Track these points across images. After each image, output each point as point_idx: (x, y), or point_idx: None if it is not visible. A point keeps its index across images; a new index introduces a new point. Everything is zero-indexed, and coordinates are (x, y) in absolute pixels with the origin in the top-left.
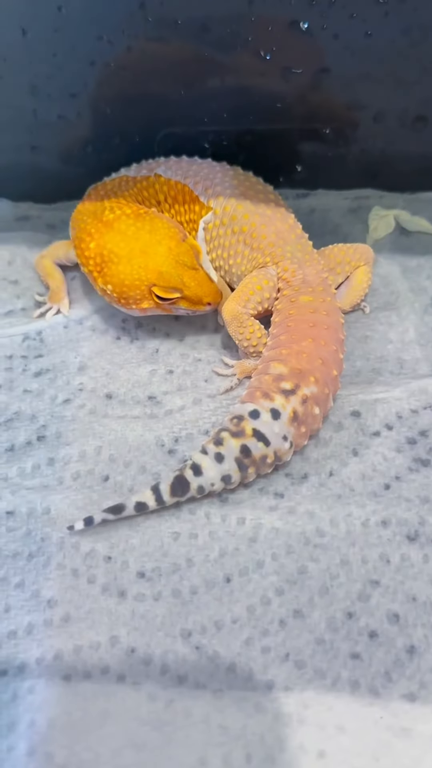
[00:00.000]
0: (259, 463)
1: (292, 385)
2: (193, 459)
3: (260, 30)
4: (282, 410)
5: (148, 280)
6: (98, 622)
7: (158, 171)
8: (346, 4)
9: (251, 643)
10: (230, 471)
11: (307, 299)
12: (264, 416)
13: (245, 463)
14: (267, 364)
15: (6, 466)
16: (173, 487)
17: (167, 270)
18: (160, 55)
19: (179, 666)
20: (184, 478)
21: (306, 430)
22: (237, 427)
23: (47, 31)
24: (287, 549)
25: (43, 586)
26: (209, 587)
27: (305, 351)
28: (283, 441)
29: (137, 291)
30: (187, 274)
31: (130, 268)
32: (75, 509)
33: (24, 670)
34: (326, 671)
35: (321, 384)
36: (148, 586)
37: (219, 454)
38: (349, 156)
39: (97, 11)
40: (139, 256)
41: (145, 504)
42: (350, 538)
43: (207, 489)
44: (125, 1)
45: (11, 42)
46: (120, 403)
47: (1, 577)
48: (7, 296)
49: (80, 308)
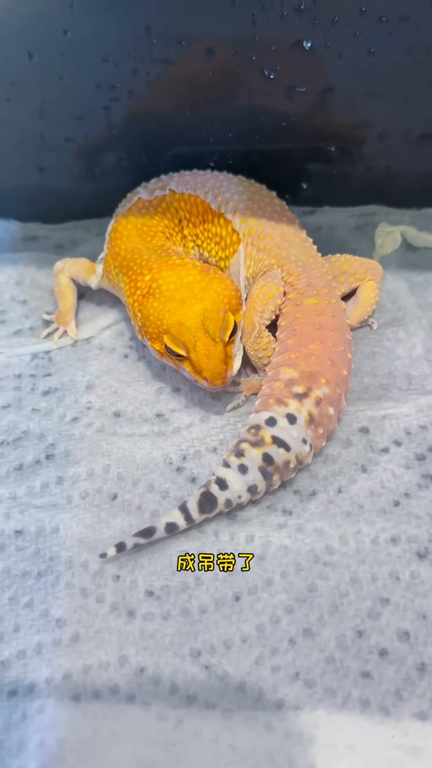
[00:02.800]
0: (282, 470)
1: (305, 389)
2: (217, 474)
3: (264, 50)
4: (297, 414)
5: (166, 324)
6: (107, 641)
7: (171, 187)
8: (349, 23)
9: (261, 662)
10: (255, 481)
11: (312, 302)
12: (281, 422)
13: (269, 471)
14: (277, 370)
15: (14, 485)
16: (201, 504)
17: (186, 325)
18: (165, 77)
19: (189, 685)
20: (211, 494)
21: (323, 431)
22: (256, 437)
23: (53, 55)
24: (296, 567)
25: (52, 605)
26: (218, 606)
27: (314, 353)
28: (303, 444)
29: (154, 330)
30: (203, 340)
31: (161, 307)
32: (83, 528)
33: (33, 690)
34: (336, 690)
35: (333, 384)
36: (157, 605)
37: (242, 466)
38: (355, 173)
39: (103, 34)
40: (176, 302)
41: (174, 524)
42: (360, 555)
43: (234, 502)
44: (130, 24)
45: (18, 65)
46: (128, 421)
47: (10, 597)
48: (16, 316)
49: (88, 327)
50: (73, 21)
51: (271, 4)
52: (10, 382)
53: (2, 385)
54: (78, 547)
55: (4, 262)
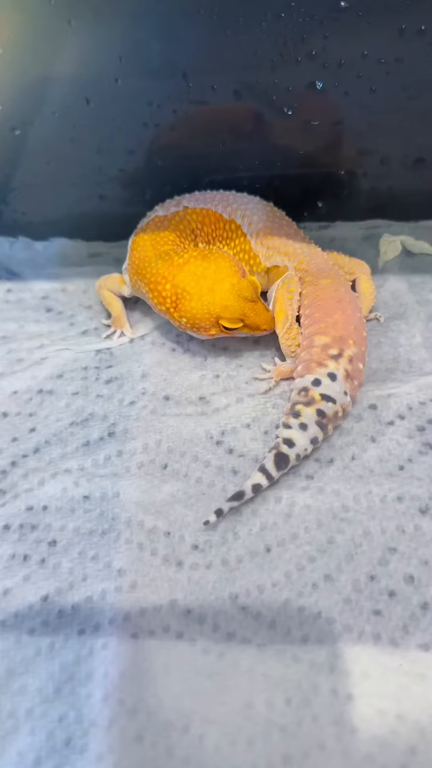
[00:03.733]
0: (333, 419)
1: (338, 350)
2: (282, 435)
3: (282, 91)
4: (337, 372)
5: (215, 313)
6: (160, 588)
7: (185, 204)
8: (353, 66)
9: (289, 603)
10: (315, 433)
11: (327, 281)
12: (325, 381)
13: (324, 422)
14: (311, 339)
15: (83, 458)
16: (276, 463)
17: (231, 304)
18: (200, 116)
19: (228, 624)
20: (283, 453)
21: (357, 383)
22: (306, 398)
23: (107, 100)
24: (318, 523)
25: (114, 558)
26: (252, 556)
27: (339, 321)
28: (345, 396)
29: (207, 322)
30: (247, 306)
31: (201, 304)
32: (140, 493)
33: (99, 629)
34: (353, 626)
35: (358, 344)
36: (201, 557)
37: (302, 424)
38: (362, 193)
39: (147, 81)
40: (207, 293)
41: (259, 484)
42: (371, 512)
43: (302, 454)
44: (170, 72)
45: (78, 110)
46: (176, 404)
47: (79, 551)
48: (83, 318)
49: (141, 326)
50: (122, 71)
51: (287, 51)
52: (78, 374)
53: (72, 376)
54: (135, 509)
55: (74, 275)
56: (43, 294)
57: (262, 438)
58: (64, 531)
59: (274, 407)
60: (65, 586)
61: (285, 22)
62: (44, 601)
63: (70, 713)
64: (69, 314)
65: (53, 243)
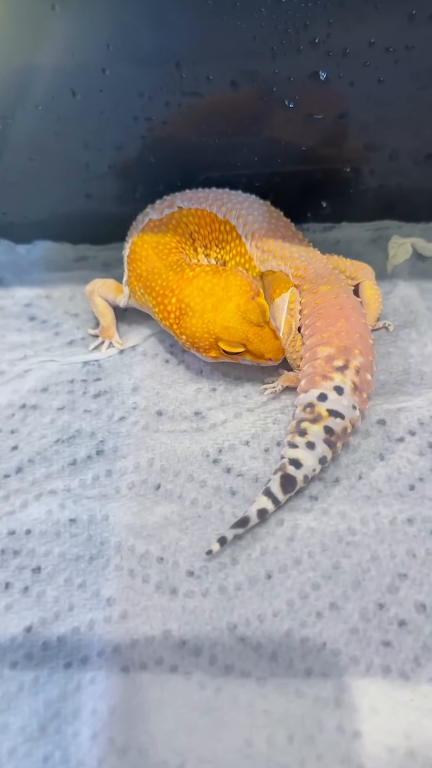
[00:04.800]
0: (341, 436)
1: (344, 361)
2: (288, 456)
3: (283, 81)
4: (343, 385)
5: (215, 333)
6: (152, 617)
7: (178, 204)
8: (359, 54)
9: (291, 634)
10: (324, 452)
11: (326, 288)
12: (331, 396)
13: (332, 440)
14: (313, 350)
15: (69, 478)
16: (283, 486)
17: (233, 326)
18: (195, 108)
19: (226, 656)
20: (289, 475)
21: (366, 395)
22: (312, 414)
23: (94, 92)
24: (322, 547)
25: (102, 586)
26: (252, 583)
27: (342, 330)
28: (353, 410)
29: (206, 342)
30: (252, 330)
31: (201, 322)
32: (130, 515)
33: (86, 663)
34: (360, 658)
35: (365, 353)
36: (197, 584)
37: (309, 443)
38: (369, 191)
39: (137, 71)
40: (210, 311)
41: (264, 509)
42: (379, 535)
43: (310, 476)
44: (162, 61)
45: (64, 103)
46: (169, 419)
47: (65, 579)
48: (69, 328)
49: (132, 336)
50: (110, 60)
51: (288, 38)
52: (64, 387)
53: (57, 390)
54: (125, 533)
55: (59, 281)
56: (26, 301)
57: (263, 456)
58: (49, 557)
59: (275, 423)
60: (50, 616)
61: (286, 6)
62: (27, 633)
63: (55, 753)
64: (54, 323)
65: (37, 246)
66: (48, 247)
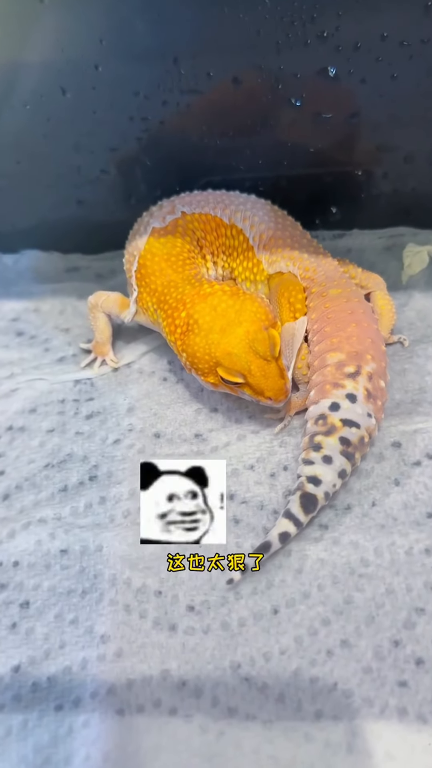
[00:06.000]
0: (359, 446)
1: (355, 368)
2: (305, 474)
3: (289, 78)
4: (356, 392)
5: (216, 358)
6: (150, 656)
7: (182, 209)
8: (372, 48)
9: (299, 673)
10: (343, 465)
11: (336, 291)
12: (344, 404)
13: (350, 451)
14: (323, 357)
15: (59, 506)
16: (304, 506)
17: (236, 353)
18: (194, 107)
19: (229, 698)
20: (309, 494)
21: (381, 403)
22: (326, 426)
23: (86, 90)
24: (333, 579)
25: (96, 622)
26: (257, 619)
27: (353, 335)
28: (369, 418)
29: (205, 365)
30: (256, 362)
31: (205, 342)
32: (126, 546)
33: (79, 705)
34: (374, 699)
35: (377, 359)
36: (198, 620)
37: (326, 457)
38: (382, 196)
39: (132, 67)
40: (217, 332)
41: (286, 532)
42: (394, 567)
43: (331, 492)
44: (159, 57)
45: (53, 102)
46: (168, 442)
47: (56, 614)
48: (60, 344)
49: (128, 352)
50: (104, 56)
51: (294, 32)
52: (54, 407)
53: (47, 410)
54: (121, 565)
55: (47, 293)
56: (14, 315)
57: (268, 481)
58: (39, 591)
59: (281, 445)
60: (40, 655)
61: None
62: (15, 673)
63: None
64: (43, 338)
65: (24, 256)
66: (36, 256)
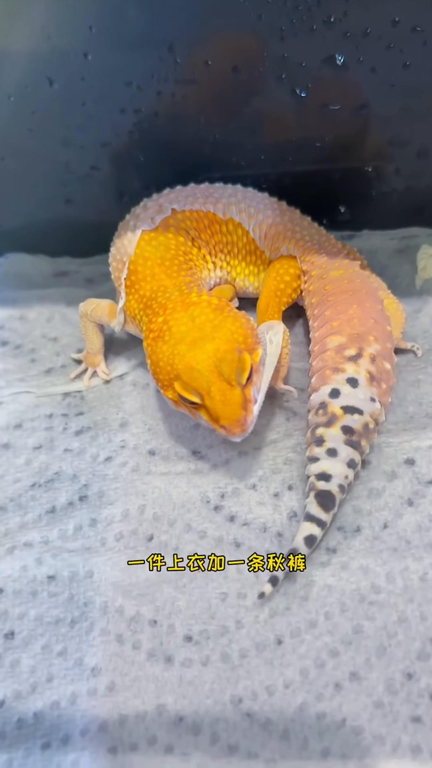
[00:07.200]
0: (364, 433)
1: (356, 350)
2: (313, 473)
3: (294, 67)
4: (357, 376)
5: (177, 370)
6: (144, 690)
7: (173, 207)
8: (382, 35)
9: (305, 708)
10: (350, 455)
11: (338, 273)
12: (344, 389)
13: (354, 440)
14: (323, 342)
15: (47, 528)
16: (322, 504)
17: (199, 370)
18: (191, 99)
19: (230, 735)
20: (323, 491)
21: (386, 387)
22: (326, 416)
23: (74, 80)
24: (341, 607)
25: (86, 653)
26: (260, 650)
27: (355, 316)
28: (372, 402)
29: (165, 376)
30: (218, 384)
31: (170, 351)
32: (119, 571)
33: (68, 743)
34: (385, 736)
35: (382, 340)
36: (196, 651)
37: (330, 450)
38: (394, 194)
39: (125, 56)
40: (186, 343)
41: (311, 535)
42: (408, 593)
43: (345, 484)
44: (153, 44)
45: (39, 93)
46: (163, 459)
47: (43, 645)
48: (47, 354)
49: (121, 363)
50: (93, 43)
51: (299, 17)
52: (41, 423)
53: (33, 426)
54: (113, 592)
55: (33, 299)
56: None
57: (272, 502)
58: (24, 620)
59: (286, 463)
60: (26, 689)
61: None
62: None
63: None
64: (29, 348)
65: (8, 259)
66: (22, 260)
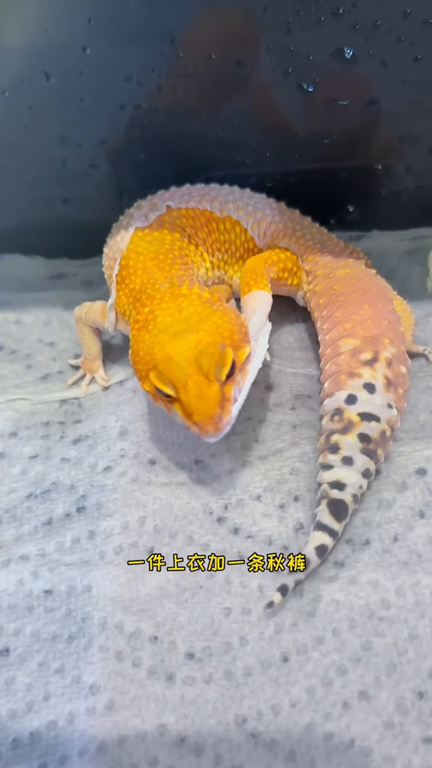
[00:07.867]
0: (380, 442)
1: (372, 354)
2: (325, 480)
3: (301, 60)
4: (374, 381)
5: (154, 361)
6: (145, 709)
7: (168, 204)
8: (392, 27)
9: (312, 728)
10: (365, 465)
11: (344, 272)
12: (361, 396)
13: (371, 448)
14: (335, 345)
15: (43, 541)
16: (334, 513)
17: (176, 361)
18: (194, 94)
19: (234, 756)
20: (336, 500)
21: (402, 391)
22: (342, 422)
23: (72, 75)
24: (349, 623)
25: (84, 671)
26: (265, 668)
27: (368, 318)
28: (389, 409)
29: (143, 367)
30: (195, 379)
31: (151, 341)
32: (118, 585)
33: (65, 763)
34: (396, 758)
35: (396, 343)
36: (198, 668)
37: (345, 458)
38: (405, 193)
39: (124, 50)
40: (168, 334)
41: (323, 545)
42: (419, 609)
43: (359, 494)
44: (154, 38)
45: (35, 88)
46: (164, 469)
47: (39, 663)
48: (44, 359)
49: (120, 369)
50: (92, 36)
51: (306, 8)
52: (37, 431)
53: (29, 434)
54: (112, 607)
55: (29, 303)
56: None
57: (277, 513)
58: (20, 636)
59: (292, 473)
60: (21, 708)
61: None
62: None
63: None
64: (25, 353)
65: (4, 261)
66: (17, 262)
